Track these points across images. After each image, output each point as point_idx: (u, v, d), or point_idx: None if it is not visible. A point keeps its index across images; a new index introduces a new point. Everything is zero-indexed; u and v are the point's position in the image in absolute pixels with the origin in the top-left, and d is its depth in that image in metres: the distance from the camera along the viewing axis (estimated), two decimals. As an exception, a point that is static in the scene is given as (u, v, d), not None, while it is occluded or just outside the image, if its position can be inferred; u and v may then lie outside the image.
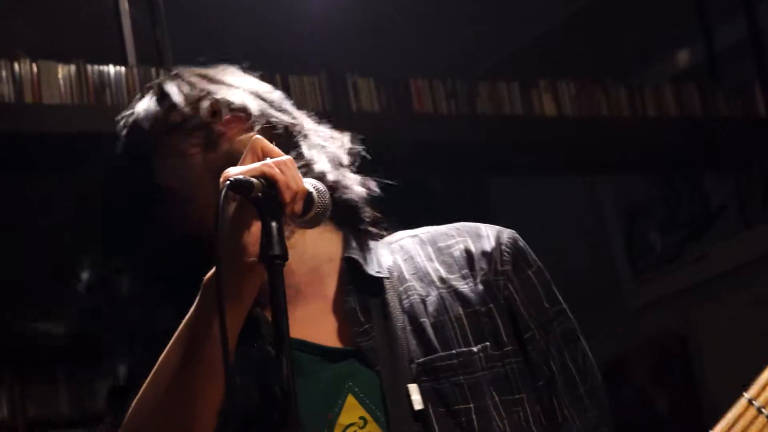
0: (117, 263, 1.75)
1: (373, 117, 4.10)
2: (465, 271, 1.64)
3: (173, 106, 1.64)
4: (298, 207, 1.41)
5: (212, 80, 1.70)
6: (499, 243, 1.67)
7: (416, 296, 1.62)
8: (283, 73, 3.96)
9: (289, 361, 1.34)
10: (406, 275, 1.64)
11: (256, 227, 1.39)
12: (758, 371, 1.46)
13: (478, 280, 1.63)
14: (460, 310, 1.61)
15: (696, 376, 5.18)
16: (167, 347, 1.48)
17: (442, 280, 1.64)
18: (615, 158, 4.83)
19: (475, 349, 1.58)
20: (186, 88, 1.66)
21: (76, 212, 5.08)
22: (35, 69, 3.67)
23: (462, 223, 1.72)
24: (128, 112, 1.73)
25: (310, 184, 1.44)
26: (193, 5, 4.63)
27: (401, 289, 1.62)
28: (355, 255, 1.63)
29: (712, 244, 5.13)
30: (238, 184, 1.37)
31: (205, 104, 1.63)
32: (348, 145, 1.68)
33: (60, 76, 3.70)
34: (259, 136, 1.45)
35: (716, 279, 5.06)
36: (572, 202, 5.55)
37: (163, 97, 1.66)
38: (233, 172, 1.39)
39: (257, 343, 1.55)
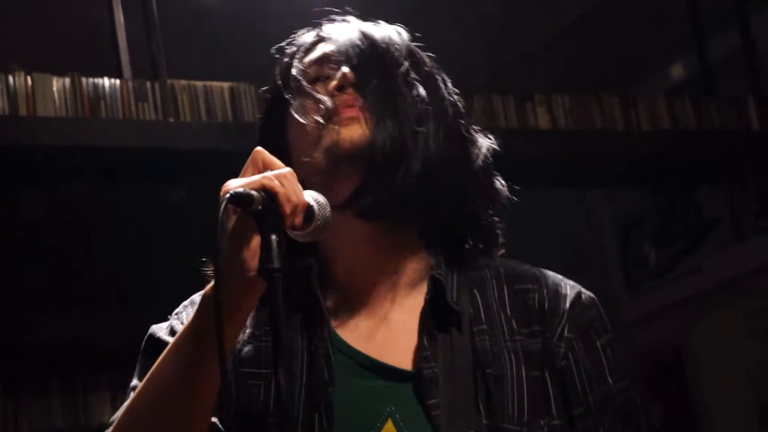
0: None
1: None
2: (535, 328, 1.56)
3: None
4: (299, 220, 1.40)
5: None
6: (573, 306, 1.58)
7: (486, 341, 1.54)
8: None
9: (286, 375, 1.33)
10: (482, 316, 1.56)
11: (256, 241, 1.38)
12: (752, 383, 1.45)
13: (543, 340, 1.56)
14: (523, 371, 1.53)
15: (691, 388, 5.19)
16: (162, 355, 1.47)
17: (512, 332, 1.56)
18: (609, 171, 4.84)
19: (542, 422, 1.51)
20: None
21: (71, 224, 5.08)
22: (30, 81, 3.67)
23: (544, 271, 1.64)
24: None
25: (310, 196, 1.43)
26: (189, 19, 4.63)
27: (475, 330, 1.55)
28: (441, 277, 1.58)
29: (707, 256, 5.13)
30: (237, 197, 1.36)
31: None
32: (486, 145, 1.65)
33: (55, 88, 3.70)
34: (259, 148, 1.44)
35: (710, 291, 5.07)
36: (567, 215, 5.55)
37: None
38: (233, 185, 1.38)
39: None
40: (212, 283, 1.41)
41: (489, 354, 1.53)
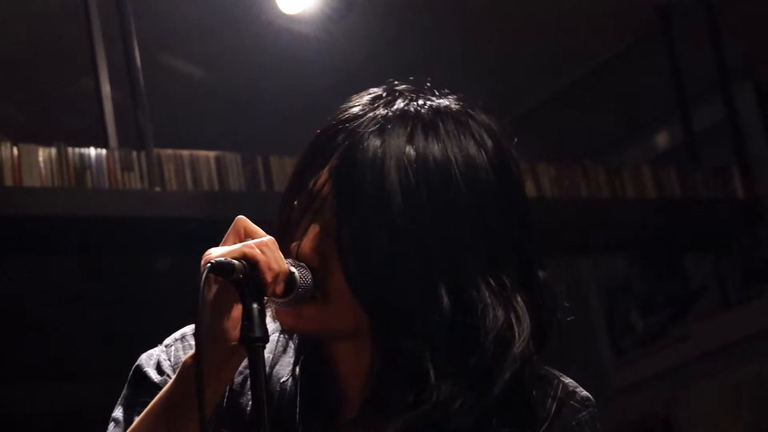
0: None
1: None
2: (514, 429, 1.44)
3: None
4: (280, 288, 1.39)
5: None
6: (560, 408, 1.46)
7: None
8: (264, 155, 3.98)
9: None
10: None
11: (237, 310, 1.37)
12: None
13: None
14: None
15: (679, 458, 5.16)
16: (139, 418, 1.44)
17: (490, 429, 1.44)
18: (595, 239, 4.85)
19: None
20: None
21: (56, 294, 5.07)
22: (15, 152, 3.67)
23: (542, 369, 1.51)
24: None
25: (292, 264, 1.43)
26: (174, 89, 4.66)
27: None
28: None
29: (693, 324, 5.13)
30: (218, 266, 1.35)
31: None
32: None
33: (41, 158, 3.70)
34: (241, 216, 1.43)
35: (698, 360, 5.06)
36: (553, 281, 5.54)
37: None
38: (214, 253, 1.37)
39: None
40: (193, 351, 1.40)
41: None
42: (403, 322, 1.38)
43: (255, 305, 1.36)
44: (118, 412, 1.53)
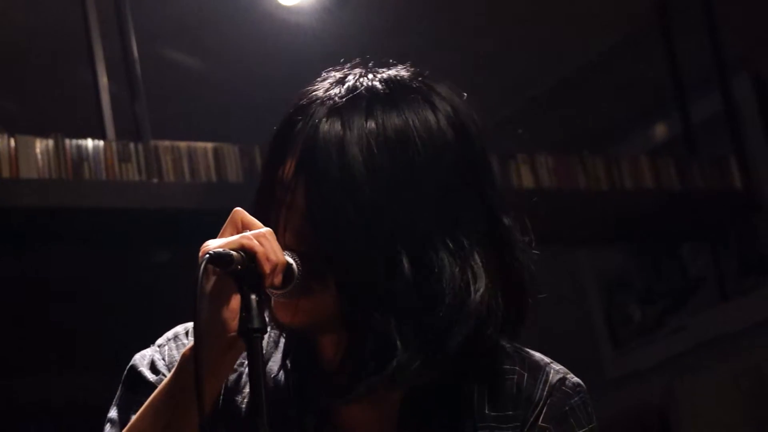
0: None
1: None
2: (509, 413, 1.48)
3: None
4: (278, 279, 1.39)
5: None
6: (551, 393, 1.49)
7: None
8: (262, 146, 3.98)
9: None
10: None
11: (236, 301, 1.37)
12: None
13: (513, 427, 1.47)
14: None
15: (677, 449, 5.17)
16: (138, 413, 1.44)
17: (482, 417, 1.48)
18: (593, 230, 4.85)
19: None
20: None
21: (53, 285, 5.07)
22: (13, 143, 3.67)
23: (532, 354, 1.54)
24: None
25: (289, 255, 1.43)
26: (172, 81, 4.65)
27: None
28: None
29: (691, 315, 5.13)
30: (217, 258, 1.35)
31: None
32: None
33: (38, 150, 3.70)
34: (239, 208, 1.43)
35: (696, 350, 5.06)
36: (552, 273, 5.55)
37: None
38: (212, 245, 1.37)
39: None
40: (191, 343, 1.40)
41: None
42: (370, 294, 1.39)
43: (253, 296, 1.36)
44: (113, 413, 1.53)
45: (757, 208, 4.84)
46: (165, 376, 1.48)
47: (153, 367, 1.54)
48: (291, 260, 1.42)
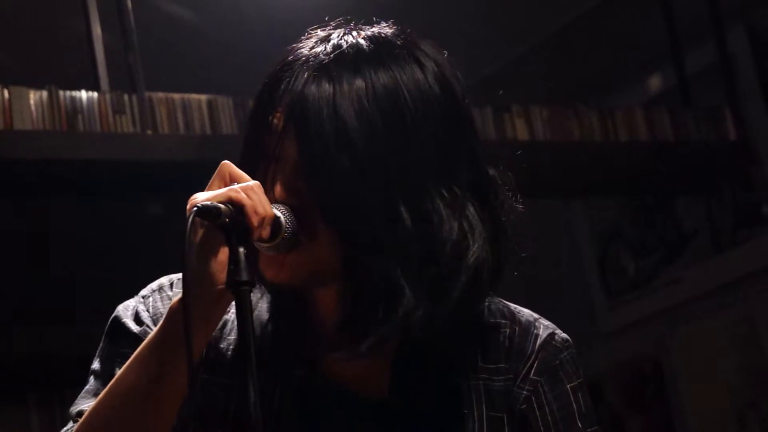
0: None
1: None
2: (501, 365, 1.52)
3: None
4: (266, 232, 1.40)
5: None
6: (542, 347, 1.53)
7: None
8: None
9: (255, 387, 1.33)
10: None
11: (224, 254, 1.38)
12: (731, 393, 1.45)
13: (506, 380, 1.51)
14: (484, 411, 1.50)
15: (670, 400, 5.19)
16: (125, 366, 1.45)
17: (474, 369, 1.51)
18: (587, 182, 4.85)
19: None
20: None
21: (48, 237, 5.07)
22: (6, 94, 3.66)
23: (519, 309, 1.58)
24: None
25: (277, 209, 1.43)
26: (166, 31, 4.63)
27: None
28: None
29: (686, 267, 5.15)
30: (205, 210, 1.36)
31: None
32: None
33: (32, 101, 3.69)
34: (226, 161, 1.44)
35: (689, 302, 5.08)
36: (545, 226, 5.56)
37: None
38: (200, 198, 1.38)
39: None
40: (178, 297, 1.40)
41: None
42: (372, 242, 1.41)
43: (241, 249, 1.37)
44: (96, 365, 1.54)
45: (751, 159, 4.84)
46: (149, 328, 1.49)
47: (137, 318, 1.54)
48: (279, 213, 1.43)
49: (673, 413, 5.18)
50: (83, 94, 3.76)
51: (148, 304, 1.56)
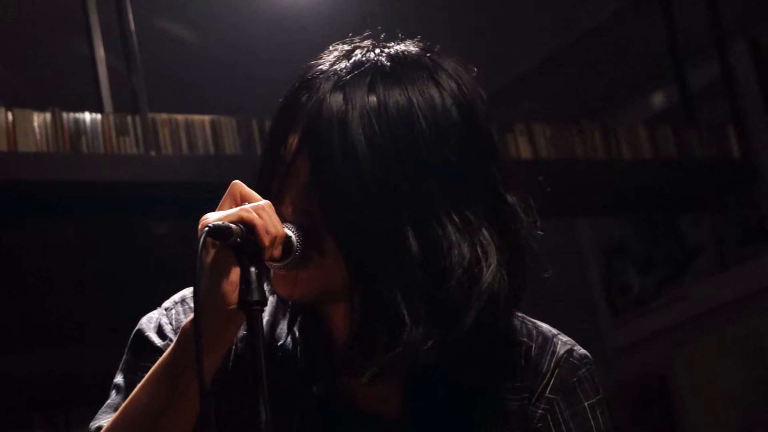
0: None
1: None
2: (517, 384, 1.49)
3: None
4: (277, 252, 1.39)
5: None
6: (559, 364, 1.50)
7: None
8: (260, 119, 3.97)
9: (266, 407, 1.32)
10: None
11: (235, 274, 1.37)
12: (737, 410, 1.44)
13: (521, 399, 1.48)
14: (498, 430, 1.48)
15: (676, 417, 5.18)
16: (140, 383, 1.45)
17: (490, 388, 1.49)
18: (591, 200, 4.85)
19: None
20: None
21: (52, 259, 5.07)
22: (10, 117, 3.66)
23: (539, 325, 1.55)
24: None
25: (288, 228, 1.43)
26: (169, 53, 4.64)
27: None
28: None
29: (691, 284, 5.14)
30: (216, 231, 1.35)
31: None
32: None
33: (35, 123, 3.69)
34: (237, 181, 1.43)
35: (695, 319, 5.07)
36: (550, 243, 5.55)
37: None
38: (211, 218, 1.37)
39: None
40: (192, 316, 1.40)
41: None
42: (377, 268, 1.40)
43: (253, 269, 1.36)
44: (119, 378, 1.53)
45: (755, 176, 4.84)
46: (172, 341, 1.49)
47: (160, 332, 1.54)
48: (290, 233, 1.42)
49: (679, 431, 5.17)
50: (87, 116, 3.76)
51: (171, 317, 1.56)
